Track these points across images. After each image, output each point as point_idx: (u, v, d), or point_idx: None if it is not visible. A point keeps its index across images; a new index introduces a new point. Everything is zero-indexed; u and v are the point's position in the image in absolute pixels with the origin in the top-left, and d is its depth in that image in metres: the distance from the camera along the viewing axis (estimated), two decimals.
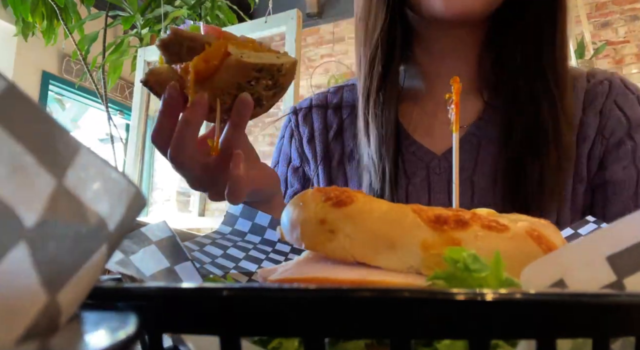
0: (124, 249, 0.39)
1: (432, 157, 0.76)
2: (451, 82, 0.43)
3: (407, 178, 0.76)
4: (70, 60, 4.68)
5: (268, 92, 0.52)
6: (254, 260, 0.50)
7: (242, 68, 0.49)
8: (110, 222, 0.19)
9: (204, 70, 0.48)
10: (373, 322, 0.20)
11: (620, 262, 0.23)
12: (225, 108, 0.51)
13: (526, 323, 0.19)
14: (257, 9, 3.41)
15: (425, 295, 0.20)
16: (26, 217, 0.15)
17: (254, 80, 0.50)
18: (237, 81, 0.50)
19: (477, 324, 0.19)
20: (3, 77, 0.15)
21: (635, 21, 3.85)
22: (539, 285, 0.24)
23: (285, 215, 0.35)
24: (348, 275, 0.30)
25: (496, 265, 0.24)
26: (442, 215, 0.30)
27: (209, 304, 0.21)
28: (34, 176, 0.16)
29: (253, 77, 0.50)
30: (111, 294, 0.22)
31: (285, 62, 0.51)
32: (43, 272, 0.16)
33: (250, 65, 0.49)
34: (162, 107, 0.51)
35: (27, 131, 0.16)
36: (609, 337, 0.20)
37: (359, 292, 0.20)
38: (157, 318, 0.22)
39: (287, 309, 0.20)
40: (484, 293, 0.19)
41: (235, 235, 0.54)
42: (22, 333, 0.16)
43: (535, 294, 0.20)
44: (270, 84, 0.51)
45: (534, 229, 0.31)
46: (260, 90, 0.51)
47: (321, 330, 0.20)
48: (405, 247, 0.30)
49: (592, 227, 0.46)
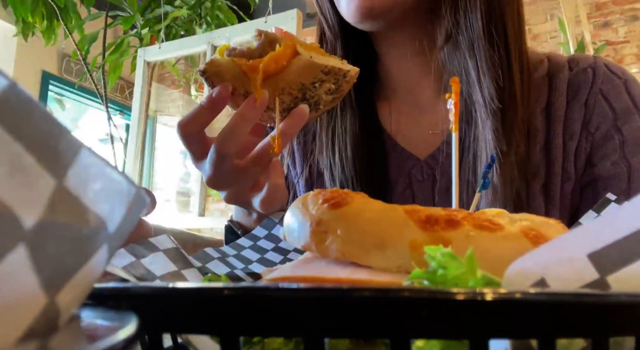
0: (134, 252, 0.40)
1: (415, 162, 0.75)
2: (451, 82, 0.43)
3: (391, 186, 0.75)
4: (70, 60, 4.68)
5: (328, 97, 0.52)
6: None
7: (311, 68, 0.49)
8: (111, 223, 0.19)
9: (272, 70, 0.49)
10: (372, 322, 0.20)
11: (602, 260, 0.23)
12: (282, 107, 0.52)
13: (526, 323, 0.19)
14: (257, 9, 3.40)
15: (425, 295, 0.20)
16: (26, 218, 0.15)
17: (318, 82, 0.51)
18: (301, 82, 0.50)
19: (477, 324, 0.19)
20: (4, 76, 0.15)
21: (635, 21, 3.85)
22: (519, 284, 0.23)
23: (286, 217, 0.36)
24: (336, 274, 0.30)
25: (470, 263, 0.24)
26: (433, 216, 0.31)
27: (208, 303, 0.21)
28: (34, 176, 0.16)
29: (319, 79, 0.50)
30: (111, 294, 0.22)
31: (350, 69, 0.52)
32: (42, 273, 0.16)
33: (320, 66, 0.50)
34: (207, 102, 0.51)
35: (27, 131, 0.16)
36: (609, 337, 0.20)
37: (359, 292, 0.20)
38: (157, 318, 0.22)
39: (287, 309, 0.20)
40: (484, 293, 0.19)
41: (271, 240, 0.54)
42: (21, 334, 0.16)
43: (535, 294, 0.20)
44: (333, 88, 0.52)
45: (531, 228, 0.31)
46: (321, 93, 0.51)
47: (321, 330, 0.20)
48: (395, 247, 0.30)
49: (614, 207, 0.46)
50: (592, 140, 0.68)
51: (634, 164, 0.65)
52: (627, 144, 0.66)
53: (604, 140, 0.67)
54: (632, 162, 0.65)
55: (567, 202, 0.69)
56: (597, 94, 0.69)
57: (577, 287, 0.23)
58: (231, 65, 0.50)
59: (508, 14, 0.67)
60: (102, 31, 3.40)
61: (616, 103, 0.68)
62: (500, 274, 0.24)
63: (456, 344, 0.22)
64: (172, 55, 3.06)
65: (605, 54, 3.70)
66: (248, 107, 0.50)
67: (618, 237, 0.22)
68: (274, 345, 0.26)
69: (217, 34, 2.78)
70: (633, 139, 0.66)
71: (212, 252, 0.49)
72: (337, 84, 0.52)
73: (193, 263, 0.43)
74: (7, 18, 3.92)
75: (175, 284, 0.22)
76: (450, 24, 0.67)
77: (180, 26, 3.34)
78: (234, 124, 0.51)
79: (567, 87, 0.70)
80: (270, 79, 0.50)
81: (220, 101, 0.50)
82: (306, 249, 0.33)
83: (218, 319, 0.21)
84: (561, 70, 0.71)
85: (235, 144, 0.51)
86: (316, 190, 0.35)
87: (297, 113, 0.51)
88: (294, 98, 0.51)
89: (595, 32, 3.87)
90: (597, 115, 0.68)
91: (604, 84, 0.69)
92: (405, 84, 0.78)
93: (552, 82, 0.71)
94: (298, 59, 0.49)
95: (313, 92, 0.51)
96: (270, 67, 0.49)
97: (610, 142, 0.67)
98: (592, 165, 0.68)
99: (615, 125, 0.67)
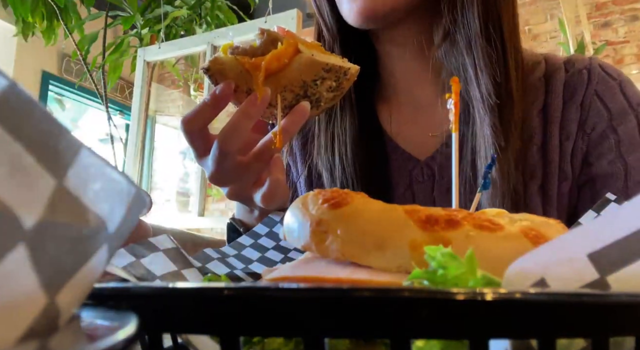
0: (134, 252, 0.40)
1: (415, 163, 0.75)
2: (451, 82, 0.43)
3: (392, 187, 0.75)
4: (70, 60, 4.68)
5: (329, 94, 0.53)
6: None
7: (312, 66, 0.50)
8: (111, 223, 0.19)
9: (274, 68, 0.50)
10: (372, 322, 0.20)
11: (602, 260, 0.23)
12: (284, 104, 0.52)
13: (526, 323, 0.19)
14: (257, 9, 3.40)
15: (425, 295, 0.20)
16: (26, 218, 0.15)
17: (319, 80, 0.52)
18: (303, 79, 0.51)
19: (477, 324, 0.19)
20: (4, 76, 0.15)
21: (635, 21, 3.85)
22: (519, 284, 0.23)
23: (286, 217, 0.36)
24: (336, 274, 0.30)
25: (470, 263, 0.24)
26: (433, 216, 0.31)
27: (208, 303, 0.21)
28: (34, 176, 0.16)
29: (320, 76, 0.51)
30: (111, 294, 0.22)
31: (351, 67, 0.53)
32: (42, 273, 0.16)
33: (321, 63, 0.51)
34: (210, 99, 0.51)
35: (27, 131, 0.16)
36: (609, 337, 0.20)
37: (359, 292, 0.20)
38: (157, 318, 0.22)
39: (287, 309, 0.20)
40: (484, 293, 0.19)
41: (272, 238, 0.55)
42: (21, 334, 0.16)
43: (535, 294, 0.20)
44: (334, 85, 0.53)
45: (531, 228, 0.31)
46: (322, 90, 0.52)
47: (321, 330, 0.20)
48: (395, 247, 0.30)
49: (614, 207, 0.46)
50: (589, 140, 0.69)
51: (630, 162, 0.66)
52: (623, 144, 0.67)
53: (600, 139, 0.68)
54: (628, 160, 0.66)
55: (564, 202, 0.69)
56: (593, 94, 0.69)
57: (577, 287, 0.23)
58: (234, 63, 0.51)
59: (504, 11, 0.68)
60: (102, 31, 3.40)
61: (611, 103, 0.69)
62: (500, 274, 0.24)
63: (456, 344, 0.22)
64: (172, 55, 3.06)
65: (605, 54, 3.70)
66: (250, 104, 0.50)
67: (618, 237, 0.22)
68: (274, 345, 0.26)
69: (217, 34, 2.78)
70: (629, 139, 0.67)
71: (211, 252, 0.49)
72: (338, 81, 0.53)
73: (193, 263, 0.43)
74: (7, 18, 3.92)
75: (175, 284, 0.22)
76: (448, 22, 0.68)
77: (180, 26, 3.34)
78: (236, 120, 0.51)
79: (563, 88, 0.71)
80: (273, 76, 0.51)
81: (223, 98, 0.51)
82: (306, 249, 0.33)
83: (218, 319, 0.21)
84: (557, 72, 0.72)
85: (237, 140, 0.52)
86: (316, 190, 0.35)
87: (298, 110, 0.52)
88: (296, 95, 0.52)
89: (595, 32, 3.87)
90: (592, 115, 0.69)
91: (599, 85, 0.70)
92: (405, 84, 0.79)
93: (548, 83, 0.72)
94: (300, 56, 0.50)
95: (314, 89, 0.52)
96: (273, 65, 0.50)
97: (606, 141, 0.68)
98: (588, 165, 0.68)
99: (611, 126, 0.68)
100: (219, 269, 0.47)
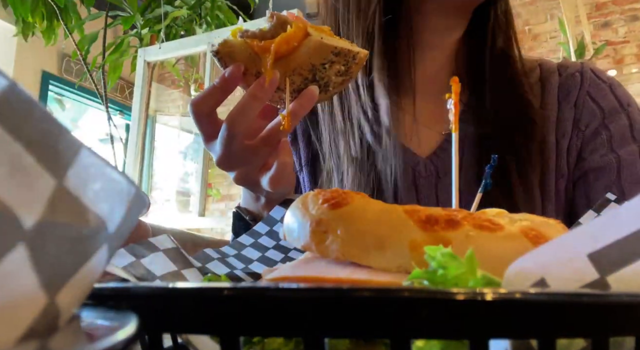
0: (134, 252, 0.40)
1: (418, 160, 0.76)
2: (451, 82, 0.43)
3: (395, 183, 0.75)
4: (70, 60, 4.68)
5: (338, 78, 0.53)
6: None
7: (321, 49, 0.50)
8: (111, 223, 0.19)
9: (283, 51, 0.50)
10: (372, 322, 0.20)
11: (602, 260, 0.22)
12: (292, 88, 0.52)
13: (526, 323, 0.19)
14: (257, 9, 3.41)
15: (425, 295, 0.20)
16: (26, 218, 0.15)
17: (328, 64, 0.52)
18: (312, 62, 0.51)
19: (477, 324, 0.19)
20: (4, 76, 0.15)
21: (635, 21, 3.85)
22: (519, 284, 0.23)
23: (286, 217, 0.36)
24: (336, 274, 0.30)
25: (470, 263, 0.24)
26: (433, 216, 0.31)
27: (208, 303, 0.21)
28: (34, 176, 0.16)
29: (329, 60, 0.51)
30: (111, 294, 0.22)
31: (359, 51, 0.53)
32: (42, 273, 0.16)
33: (330, 47, 0.51)
34: (220, 82, 0.52)
35: (27, 131, 0.16)
36: (609, 337, 0.20)
37: (359, 292, 0.20)
38: (157, 318, 0.22)
39: (287, 309, 0.20)
40: (484, 293, 0.19)
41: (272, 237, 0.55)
42: (21, 334, 0.16)
43: (535, 294, 0.20)
44: (342, 69, 0.53)
45: (532, 228, 0.31)
46: (331, 74, 0.52)
47: (321, 330, 0.20)
48: (395, 248, 0.30)
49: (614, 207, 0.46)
50: (583, 137, 0.73)
51: (622, 155, 0.70)
52: (615, 139, 0.71)
53: (593, 136, 0.73)
54: (620, 154, 0.70)
55: (562, 199, 0.73)
56: (585, 95, 0.74)
57: (577, 287, 0.23)
58: (244, 46, 0.51)
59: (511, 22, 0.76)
60: (102, 31, 3.40)
61: (603, 103, 0.74)
62: (500, 274, 0.24)
63: (456, 344, 0.22)
64: (172, 55, 3.06)
65: (605, 54, 3.70)
66: (259, 87, 0.51)
67: (618, 237, 0.22)
68: (274, 345, 0.26)
69: (217, 34, 2.78)
70: (620, 135, 0.71)
71: (211, 252, 0.49)
72: (347, 65, 0.53)
73: (193, 263, 0.43)
74: (7, 18, 3.92)
75: (175, 284, 0.22)
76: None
77: (180, 26, 3.34)
78: (245, 102, 0.52)
79: (557, 90, 0.76)
80: (282, 59, 0.51)
81: (232, 81, 0.52)
82: (306, 249, 0.33)
83: (218, 319, 0.21)
84: (552, 76, 0.78)
85: (245, 123, 0.52)
86: (316, 190, 0.35)
87: (307, 94, 0.52)
88: (304, 79, 0.52)
89: (595, 32, 3.86)
90: (586, 114, 0.74)
91: (591, 86, 0.75)
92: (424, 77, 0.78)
93: (544, 86, 0.77)
94: (309, 40, 0.50)
95: (323, 73, 0.52)
96: (282, 48, 0.50)
97: (599, 137, 0.72)
98: (582, 160, 0.73)
99: (604, 123, 0.72)
100: (219, 269, 0.47)
